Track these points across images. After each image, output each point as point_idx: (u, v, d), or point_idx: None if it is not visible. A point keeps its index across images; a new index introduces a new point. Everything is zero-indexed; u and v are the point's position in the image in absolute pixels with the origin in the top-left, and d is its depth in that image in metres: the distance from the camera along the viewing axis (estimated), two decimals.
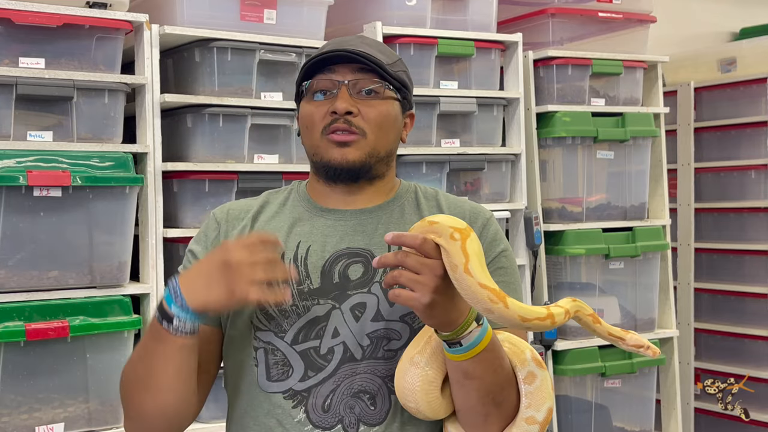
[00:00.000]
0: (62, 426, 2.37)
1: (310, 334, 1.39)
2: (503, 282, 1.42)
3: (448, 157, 3.04)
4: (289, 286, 1.35)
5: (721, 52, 4.22)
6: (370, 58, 1.41)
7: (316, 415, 1.37)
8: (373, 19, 2.92)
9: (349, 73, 1.41)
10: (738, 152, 4.08)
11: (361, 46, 1.43)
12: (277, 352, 1.40)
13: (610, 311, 3.42)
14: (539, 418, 1.30)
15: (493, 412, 1.30)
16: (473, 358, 1.25)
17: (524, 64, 3.26)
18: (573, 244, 3.29)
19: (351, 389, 1.37)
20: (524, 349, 1.35)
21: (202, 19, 2.64)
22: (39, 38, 2.42)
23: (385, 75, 1.42)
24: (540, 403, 1.31)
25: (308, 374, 1.38)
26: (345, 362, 1.37)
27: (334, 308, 1.39)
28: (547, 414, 1.31)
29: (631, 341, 1.36)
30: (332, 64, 1.42)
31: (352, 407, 1.36)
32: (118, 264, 2.47)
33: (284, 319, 1.40)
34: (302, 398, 1.38)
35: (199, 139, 2.65)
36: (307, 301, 1.40)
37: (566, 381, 3.34)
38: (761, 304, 3.98)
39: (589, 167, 3.39)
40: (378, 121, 1.41)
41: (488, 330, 1.26)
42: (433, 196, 1.52)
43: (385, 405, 1.37)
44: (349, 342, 1.38)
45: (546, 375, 1.33)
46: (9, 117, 2.35)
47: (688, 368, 4.13)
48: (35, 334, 2.29)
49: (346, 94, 1.40)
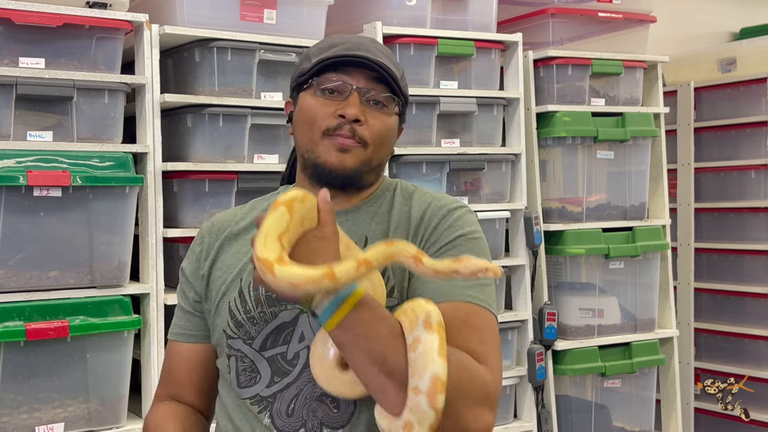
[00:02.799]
0: (62, 426, 2.37)
1: (278, 339, 1.38)
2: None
3: (448, 157, 3.04)
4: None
5: (721, 52, 4.22)
6: (387, 69, 1.39)
7: (280, 420, 1.36)
8: (373, 19, 2.92)
9: (363, 80, 1.39)
10: (738, 152, 4.08)
11: (379, 55, 1.40)
12: (245, 359, 1.40)
13: (610, 311, 3.42)
14: (423, 387, 1.14)
15: (386, 384, 1.19)
16: (339, 327, 1.18)
17: (524, 64, 3.26)
18: (573, 244, 3.29)
19: (314, 393, 1.35)
20: (419, 313, 1.21)
21: (202, 19, 2.64)
22: (39, 38, 2.42)
23: (396, 89, 1.41)
24: (422, 371, 1.15)
25: (274, 380, 1.37)
26: (308, 366, 1.35)
27: (302, 312, 1.38)
28: (432, 382, 1.14)
29: (465, 270, 1.20)
30: (346, 66, 1.40)
31: (314, 411, 1.34)
32: (118, 264, 2.47)
33: (252, 326, 1.39)
34: (268, 404, 1.37)
35: (199, 139, 2.65)
36: (275, 307, 1.38)
37: (566, 381, 3.34)
38: (761, 304, 3.98)
39: (589, 167, 3.39)
40: (380, 133, 1.40)
41: (351, 296, 1.18)
42: (410, 194, 1.47)
43: (349, 408, 1.34)
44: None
45: (434, 337, 1.17)
46: (9, 117, 2.35)
47: (688, 368, 4.13)
48: (35, 334, 2.29)
49: (358, 100, 1.38)
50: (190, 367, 1.50)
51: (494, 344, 1.30)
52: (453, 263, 1.20)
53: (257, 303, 1.39)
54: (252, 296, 1.40)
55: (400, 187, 1.49)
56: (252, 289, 1.40)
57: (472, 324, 1.29)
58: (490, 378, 1.25)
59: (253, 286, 1.40)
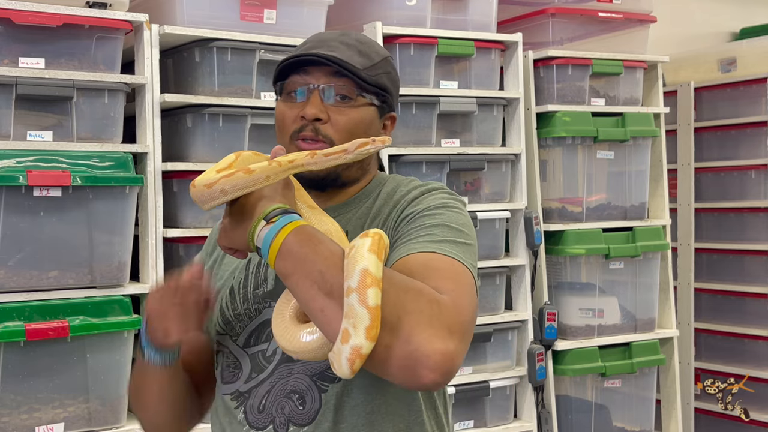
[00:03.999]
0: (62, 426, 2.37)
1: (260, 337, 1.39)
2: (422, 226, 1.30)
3: (448, 157, 3.04)
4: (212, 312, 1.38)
5: (721, 52, 4.22)
6: (343, 63, 1.35)
7: (252, 415, 1.37)
8: (373, 19, 2.92)
9: (323, 77, 1.37)
10: (738, 152, 4.08)
11: (338, 49, 1.38)
12: (229, 355, 1.41)
13: (610, 311, 3.42)
14: (353, 284, 1.08)
15: (327, 304, 1.12)
16: (279, 256, 1.16)
17: (524, 64, 3.26)
18: (573, 244, 3.29)
19: (284, 390, 1.35)
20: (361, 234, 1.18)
21: (202, 19, 2.64)
22: (39, 38, 2.42)
23: (359, 81, 1.37)
24: (351, 269, 1.10)
25: (251, 376, 1.38)
26: (282, 363, 1.36)
27: None
28: (361, 276, 1.09)
29: (353, 146, 1.24)
30: (308, 65, 1.38)
31: (282, 407, 1.35)
32: (118, 264, 2.47)
33: (237, 322, 1.41)
34: (244, 399, 1.38)
35: (199, 139, 2.65)
36: (260, 304, 1.39)
37: (566, 381, 3.34)
38: (761, 304, 3.98)
39: (589, 167, 3.39)
40: (348, 128, 1.36)
41: (288, 224, 1.16)
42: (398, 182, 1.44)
43: (315, 405, 1.33)
44: None
45: (365, 240, 1.13)
46: (9, 117, 2.35)
47: (688, 368, 4.12)
48: (35, 334, 2.29)
49: (318, 99, 1.36)
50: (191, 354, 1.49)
51: (460, 282, 1.21)
52: (341, 146, 1.25)
53: (244, 300, 1.41)
54: (240, 294, 1.42)
55: (392, 179, 1.47)
56: (241, 287, 1.42)
57: (437, 266, 1.21)
58: (446, 301, 1.14)
59: (243, 284, 1.42)
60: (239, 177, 1.18)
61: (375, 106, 1.41)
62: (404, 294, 1.12)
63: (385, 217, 1.38)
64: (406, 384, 1.14)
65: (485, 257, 3.11)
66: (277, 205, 1.19)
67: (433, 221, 1.30)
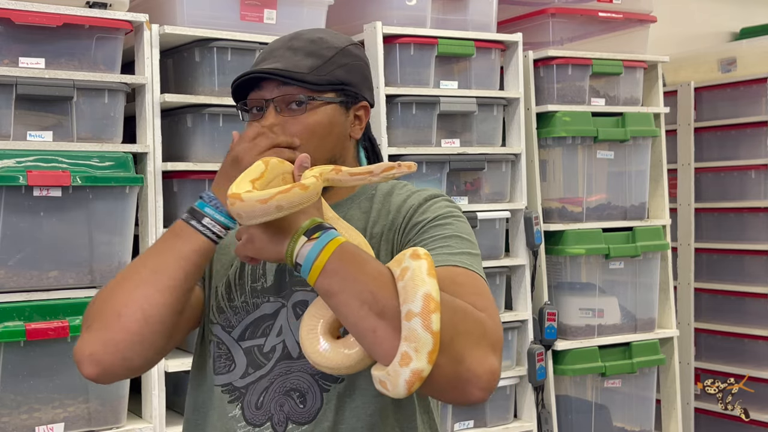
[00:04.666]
0: (62, 426, 2.37)
1: (256, 332, 1.39)
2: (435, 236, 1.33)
3: (448, 157, 3.04)
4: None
5: (721, 52, 4.22)
6: (284, 73, 1.35)
7: (249, 412, 1.36)
8: (373, 19, 2.92)
9: (275, 89, 1.36)
10: (738, 152, 4.08)
11: (282, 57, 1.38)
12: (222, 346, 1.41)
13: (610, 311, 3.42)
14: (415, 309, 1.09)
15: (379, 325, 1.12)
16: (323, 275, 1.14)
17: (524, 64, 3.26)
18: (573, 244, 3.29)
19: (283, 387, 1.35)
20: (406, 252, 1.17)
21: (202, 19, 2.64)
22: (39, 38, 2.42)
23: (306, 85, 1.36)
24: (412, 293, 1.10)
25: (248, 371, 1.38)
26: (282, 360, 1.36)
27: (283, 306, 1.38)
28: (425, 301, 1.09)
29: (378, 169, 1.24)
30: (257, 81, 1.38)
31: (281, 405, 1.34)
32: (118, 264, 2.47)
33: (233, 314, 1.40)
34: (240, 394, 1.38)
35: (199, 139, 2.65)
36: (258, 299, 1.39)
37: (566, 381, 3.34)
38: (761, 304, 3.98)
39: (589, 167, 3.39)
40: (305, 135, 1.35)
41: (331, 241, 1.15)
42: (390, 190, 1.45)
43: (316, 404, 1.33)
44: (288, 340, 1.37)
45: (421, 263, 1.13)
46: (9, 117, 2.35)
47: (688, 368, 4.13)
48: (35, 334, 2.29)
49: (273, 112, 1.36)
50: None
51: (489, 298, 1.25)
52: (368, 167, 1.26)
53: (242, 293, 1.41)
54: (237, 285, 1.41)
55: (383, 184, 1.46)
56: (238, 278, 1.41)
57: (463, 282, 1.26)
58: (488, 322, 1.19)
59: (239, 275, 1.41)
60: (296, 194, 1.14)
61: (335, 103, 1.40)
62: (454, 315, 1.14)
63: (389, 223, 1.39)
64: (451, 400, 1.18)
65: (485, 257, 3.11)
66: (316, 219, 1.18)
67: (444, 232, 1.33)
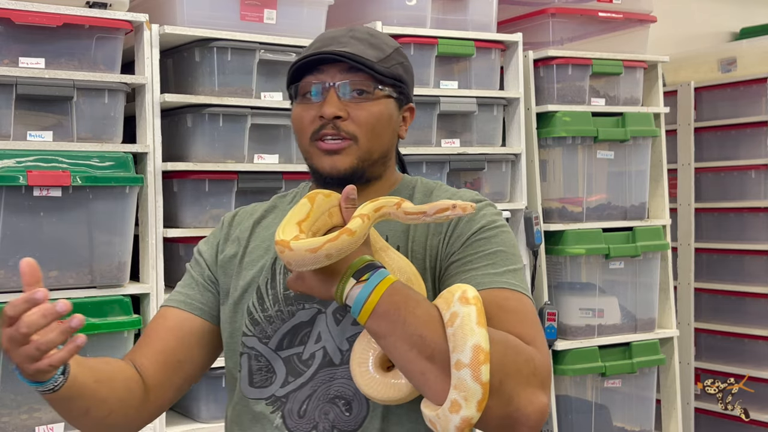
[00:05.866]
0: (62, 426, 2.37)
1: (294, 340, 1.36)
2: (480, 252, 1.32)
3: (448, 157, 3.04)
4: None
5: (721, 52, 4.22)
6: (357, 58, 1.33)
7: (291, 420, 1.33)
8: (373, 18, 2.93)
9: (338, 74, 1.34)
10: (738, 152, 4.08)
11: (350, 44, 1.35)
12: (261, 358, 1.37)
13: (610, 311, 3.42)
14: (465, 359, 1.10)
15: (428, 368, 1.14)
16: (373, 316, 1.15)
17: (524, 63, 3.26)
18: (573, 244, 3.29)
19: (327, 395, 1.32)
20: (455, 291, 1.17)
21: (202, 19, 2.64)
22: (39, 38, 2.41)
23: (375, 74, 1.35)
24: (462, 343, 1.11)
25: (288, 380, 1.35)
26: (323, 367, 1.33)
27: (320, 312, 1.35)
28: (474, 352, 1.10)
29: (432, 210, 1.22)
30: (321, 64, 1.35)
31: (326, 413, 1.32)
32: (118, 264, 2.47)
33: (269, 324, 1.37)
34: (281, 404, 1.35)
35: (199, 139, 2.65)
36: (292, 306, 1.36)
37: (566, 381, 3.34)
38: (761, 304, 3.98)
39: (589, 167, 3.39)
40: (370, 123, 1.35)
41: (380, 283, 1.16)
42: (429, 190, 1.44)
43: (362, 411, 1.31)
44: (329, 347, 1.34)
45: (470, 310, 1.13)
46: (9, 117, 2.35)
47: (688, 368, 4.13)
48: None
49: (335, 97, 1.34)
50: (173, 334, 1.42)
51: (536, 325, 1.26)
52: (422, 207, 1.23)
53: (275, 302, 1.38)
54: (270, 295, 1.38)
55: (421, 183, 1.46)
56: (269, 288, 1.38)
57: (511, 308, 1.25)
58: (538, 357, 1.19)
59: (270, 284, 1.39)
60: (345, 240, 1.15)
61: (393, 98, 1.39)
62: (504, 356, 1.15)
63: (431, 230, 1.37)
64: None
65: None
66: (365, 258, 1.18)
67: (489, 247, 1.33)
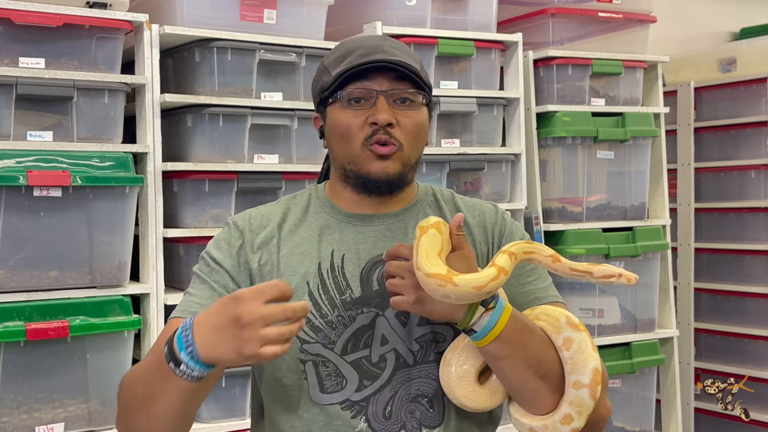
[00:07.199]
0: (62, 426, 2.37)
1: (358, 343, 1.40)
2: (526, 266, 1.47)
3: (448, 157, 3.04)
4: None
5: (721, 52, 4.22)
6: (407, 66, 1.39)
7: (377, 423, 1.38)
8: (373, 19, 2.92)
9: (386, 82, 1.40)
10: (738, 152, 4.08)
11: (396, 53, 1.41)
12: (328, 364, 1.39)
13: (610, 311, 3.42)
14: (585, 380, 1.30)
15: (540, 385, 1.31)
16: (496, 341, 1.28)
17: (524, 64, 3.26)
18: (573, 244, 3.29)
19: (409, 394, 1.39)
20: (559, 317, 1.35)
21: (202, 19, 2.64)
22: (39, 38, 2.42)
23: (420, 83, 1.41)
24: (582, 366, 1.31)
25: (363, 383, 1.39)
26: (399, 368, 1.40)
27: (378, 315, 1.40)
28: (593, 375, 1.30)
29: (599, 273, 1.33)
30: (367, 72, 1.40)
31: (412, 412, 1.39)
32: (118, 264, 2.47)
33: (331, 330, 1.40)
34: (361, 408, 1.39)
35: (199, 139, 2.65)
36: (352, 311, 1.40)
37: None
38: (761, 304, 3.98)
39: (589, 167, 3.39)
40: (414, 131, 1.42)
41: (504, 311, 1.28)
42: (450, 199, 1.54)
43: (441, 406, 1.40)
44: (400, 348, 1.40)
45: (584, 336, 1.33)
46: (9, 117, 2.35)
47: (688, 368, 4.13)
48: (35, 334, 2.29)
49: (386, 104, 1.39)
50: None
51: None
52: (589, 266, 1.34)
53: (333, 307, 1.40)
54: (325, 301, 1.40)
55: (437, 191, 1.56)
56: (322, 293, 1.40)
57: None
58: (603, 366, 1.36)
59: (322, 290, 1.41)
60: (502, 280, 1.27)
61: (426, 106, 1.47)
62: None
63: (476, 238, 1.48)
64: None
65: None
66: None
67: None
